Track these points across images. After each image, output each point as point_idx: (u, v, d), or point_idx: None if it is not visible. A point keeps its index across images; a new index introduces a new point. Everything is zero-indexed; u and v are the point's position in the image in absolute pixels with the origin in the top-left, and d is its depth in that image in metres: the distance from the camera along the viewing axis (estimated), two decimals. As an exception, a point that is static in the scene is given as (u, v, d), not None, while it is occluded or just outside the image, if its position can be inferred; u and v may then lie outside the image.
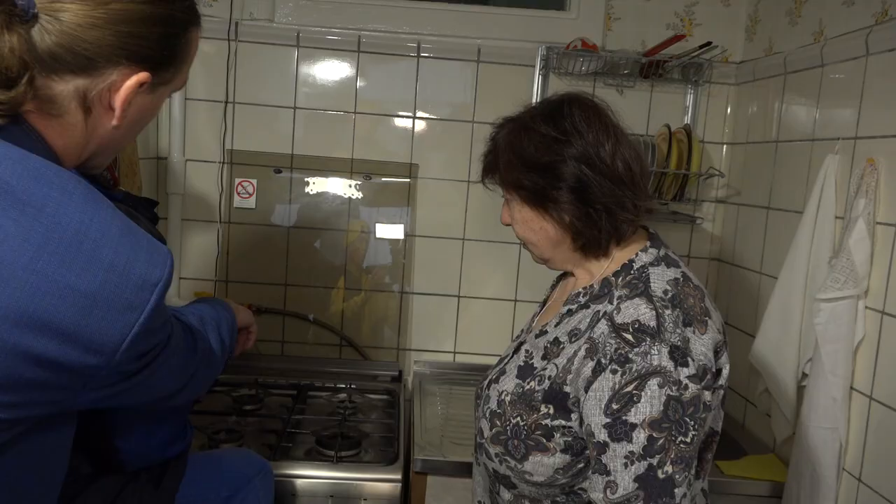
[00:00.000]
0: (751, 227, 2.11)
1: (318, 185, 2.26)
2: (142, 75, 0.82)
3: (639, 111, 2.25)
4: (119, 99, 0.82)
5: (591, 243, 1.14)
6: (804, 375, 1.68)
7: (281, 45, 2.21)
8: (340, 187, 2.27)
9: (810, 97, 1.84)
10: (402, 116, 2.26)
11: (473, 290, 2.32)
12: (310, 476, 1.62)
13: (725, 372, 1.09)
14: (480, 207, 2.27)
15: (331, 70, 2.24)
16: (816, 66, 1.80)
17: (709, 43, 2.04)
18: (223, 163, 2.23)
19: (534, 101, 1.99)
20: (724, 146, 2.29)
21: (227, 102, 2.21)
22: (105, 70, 0.80)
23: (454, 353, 2.35)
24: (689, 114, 2.25)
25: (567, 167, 1.10)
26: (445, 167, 2.27)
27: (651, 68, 2.14)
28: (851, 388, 1.56)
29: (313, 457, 1.71)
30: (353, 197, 2.27)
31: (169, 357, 0.91)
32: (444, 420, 1.95)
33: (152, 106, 0.89)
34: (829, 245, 1.64)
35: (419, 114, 2.26)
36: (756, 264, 2.06)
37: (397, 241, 2.28)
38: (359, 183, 2.26)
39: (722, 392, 1.09)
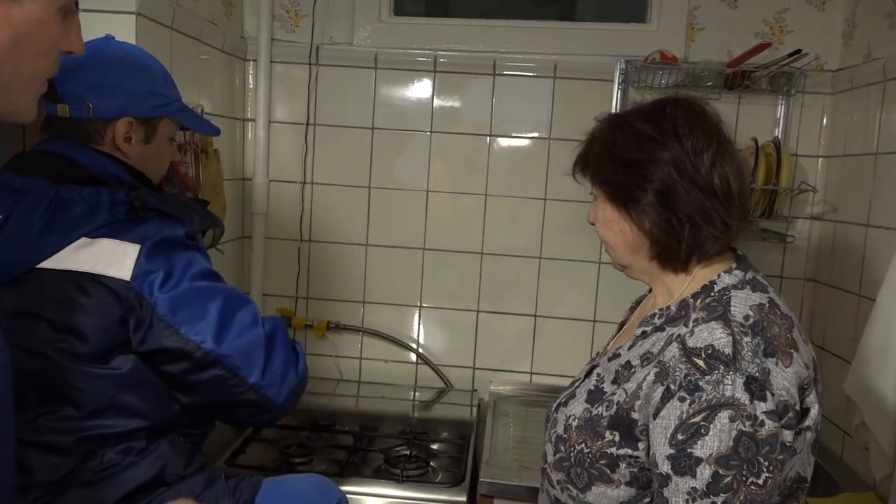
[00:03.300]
0: (849, 246, 1.96)
1: (394, 202, 2.28)
2: None
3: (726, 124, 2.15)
4: None
5: (668, 254, 1.07)
6: (905, 408, 1.53)
7: (360, 67, 2.25)
8: (417, 205, 2.28)
9: (913, 105, 1.69)
10: (478, 135, 2.25)
11: (550, 309, 2.27)
12: (375, 494, 1.62)
13: (814, 413, 0.98)
14: (557, 225, 2.23)
15: (408, 90, 2.26)
16: (919, 72, 1.66)
17: (798, 51, 1.92)
18: (304, 183, 2.29)
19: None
20: (820, 159, 2.14)
21: (308, 124, 2.28)
22: None
23: (531, 373, 2.30)
24: (781, 126, 2.12)
25: (656, 168, 1.04)
26: (522, 185, 2.24)
27: (737, 79, 2.04)
28: (959, 423, 1.41)
29: (381, 475, 1.70)
30: (429, 214, 2.28)
31: None
32: (516, 442, 1.91)
33: (20, 23, 0.74)
34: (933, 266, 1.50)
35: (495, 131, 2.24)
36: (854, 285, 1.91)
37: (471, 257, 2.27)
38: (435, 200, 2.27)
39: (811, 435, 0.99)
